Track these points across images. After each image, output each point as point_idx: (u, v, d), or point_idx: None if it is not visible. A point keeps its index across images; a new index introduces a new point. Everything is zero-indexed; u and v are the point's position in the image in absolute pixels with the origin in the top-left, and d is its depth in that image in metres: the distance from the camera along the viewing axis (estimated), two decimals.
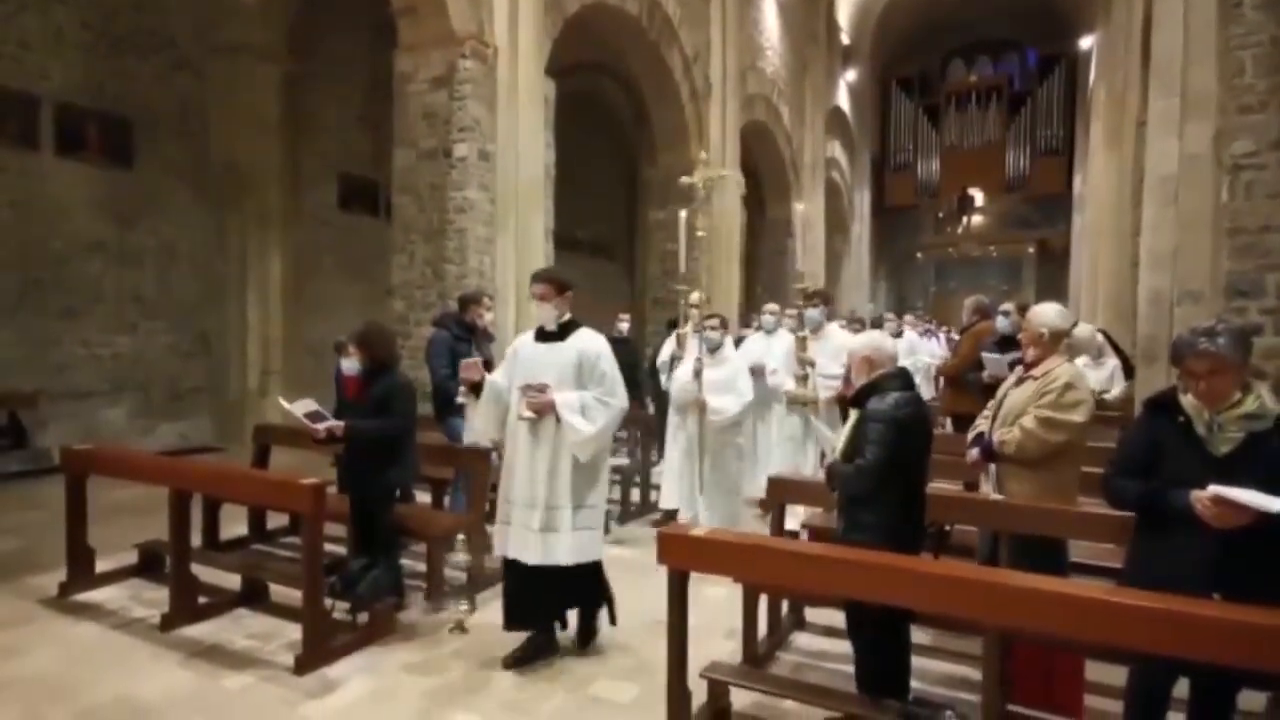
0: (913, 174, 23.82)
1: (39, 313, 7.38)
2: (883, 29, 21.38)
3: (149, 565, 4.34)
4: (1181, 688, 2.36)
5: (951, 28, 22.55)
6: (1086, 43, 16.56)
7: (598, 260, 14.39)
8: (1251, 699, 2.63)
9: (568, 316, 3.42)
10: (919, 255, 23.98)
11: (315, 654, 3.29)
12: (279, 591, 3.97)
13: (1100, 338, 6.90)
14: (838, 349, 5.06)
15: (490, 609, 4.03)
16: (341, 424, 3.83)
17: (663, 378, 5.88)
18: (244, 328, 8.77)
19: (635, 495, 6.04)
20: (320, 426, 3.82)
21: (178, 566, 3.79)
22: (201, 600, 3.87)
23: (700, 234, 11.33)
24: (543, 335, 3.41)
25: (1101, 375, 6.51)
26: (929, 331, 9.89)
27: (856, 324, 8.60)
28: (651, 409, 7.45)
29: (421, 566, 4.25)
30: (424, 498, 5.20)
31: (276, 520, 5.06)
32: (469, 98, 7.06)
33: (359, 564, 3.86)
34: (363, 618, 3.66)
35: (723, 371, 4.88)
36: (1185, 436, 2.30)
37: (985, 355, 5.02)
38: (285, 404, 4.11)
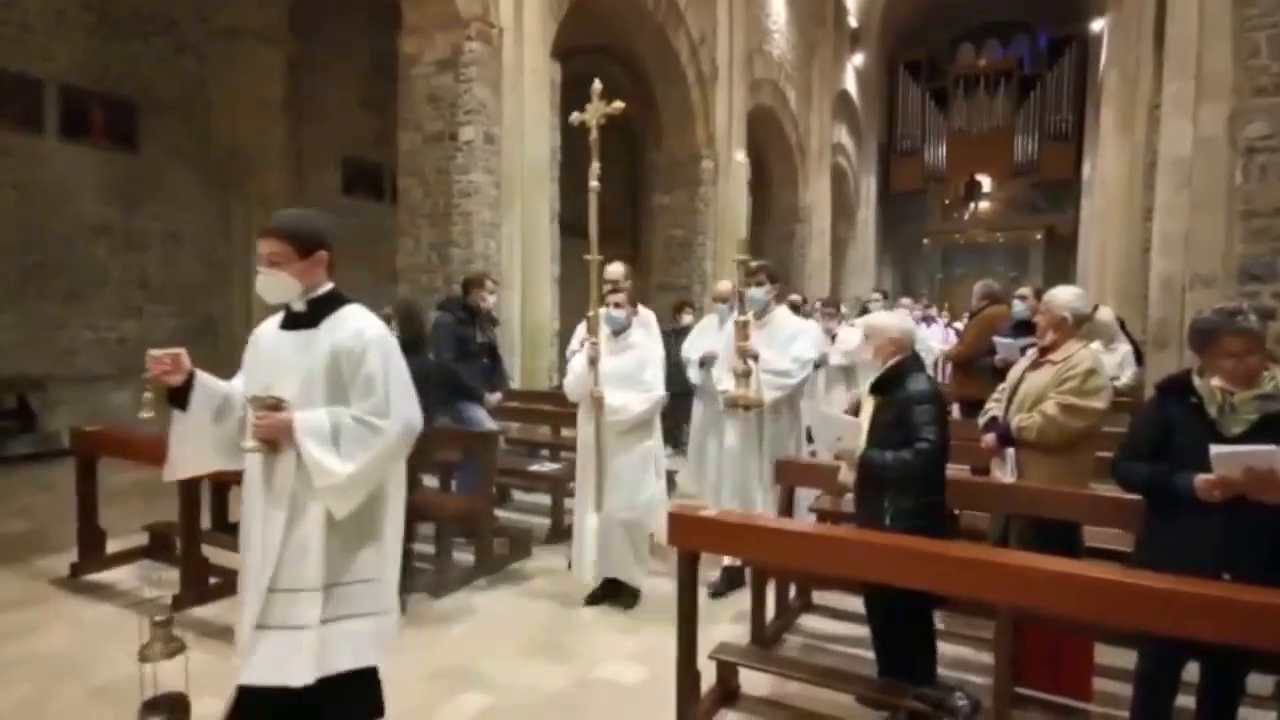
0: (920, 159, 23.63)
1: (44, 296, 7.39)
2: (891, 11, 21.15)
3: (159, 546, 4.36)
4: (1191, 671, 2.37)
5: (960, 10, 22.28)
6: (1098, 25, 16.35)
7: (602, 245, 14.30)
8: (1260, 683, 2.63)
9: (323, 290, 2.19)
10: (925, 241, 23.83)
11: None
12: None
13: (1113, 322, 6.86)
14: (788, 338, 4.06)
15: (498, 590, 4.06)
16: None
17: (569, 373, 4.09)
18: (248, 311, 8.77)
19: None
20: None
21: (188, 548, 3.80)
22: (211, 581, 3.90)
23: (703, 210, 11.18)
24: (291, 320, 2.21)
25: (1113, 360, 6.47)
26: (928, 318, 9.70)
27: (829, 309, 7.56)
28: None
29: (429, 549, 4.26)
30: (431, 482, 5.21)
31: None
32: (474, 80, 7.00)
33: None
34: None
35: (626, 360, 3.83)
36: (1197, 419, 2.29)
37: (998, 340, 5.00)
38: None
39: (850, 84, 19.78)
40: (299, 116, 8.96)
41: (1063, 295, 3.22)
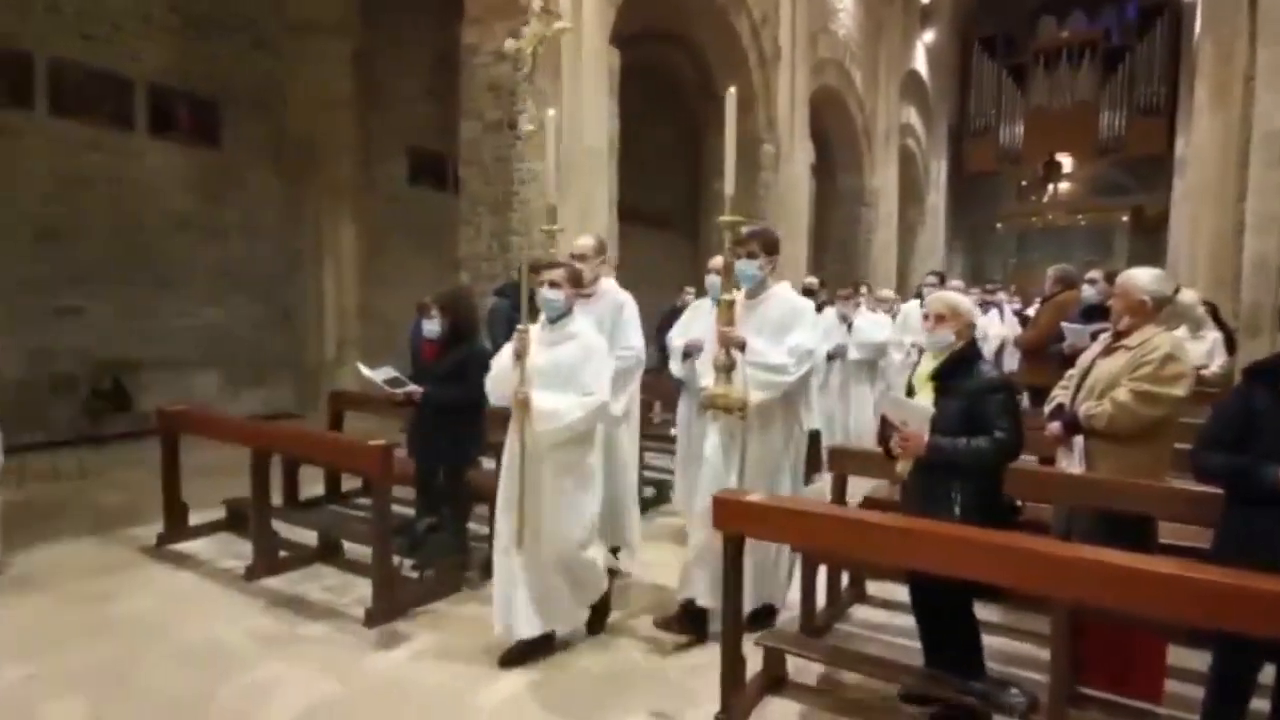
0: (994, 139, 22.60)
1: (137, 285, 7.86)
2: None
3: (236, 520, 4.61)
4: (1266, 674, 2.23)
5: None
6: None
7: (661, 231, 14.30)
8: None
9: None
10: (999, 226, 22.83)
11: (384, 608, 3.44)
12: (352, 549, 4.17)
13: (1202, 309, 6.45)
14: (783, 324, 3.21)
15: None
16: (420, 390, 3.97)
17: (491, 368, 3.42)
18: (320, 299, 9.14)
19: None
20: (399, 392, 3.98)
21: (259, 523, 4.01)
22: (282, 554, 4.10)
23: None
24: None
25: (1201, 349, 6.08)
26: (988, 304, 8.85)
27: (845, 292, 7.27)
28: None
29: (485, 529, 4.37)
30: (489, 464, 5.33)
31: (351, 483, 5.28)
32: (533, 68, 7.05)
33: (425, 524, 4.00)
34: (429, 575, 3.80)
35: (564, 354, 3.07)
36: None
37: (1066, 325, 4.77)
38: (365, 370, 4.28)
39: (920, 63, 19.08)
40: (366, 108, 9.24)
41: (1140, 277, 3.04)
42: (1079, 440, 3.07)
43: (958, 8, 21.04)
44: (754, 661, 2.81)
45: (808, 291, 7.11)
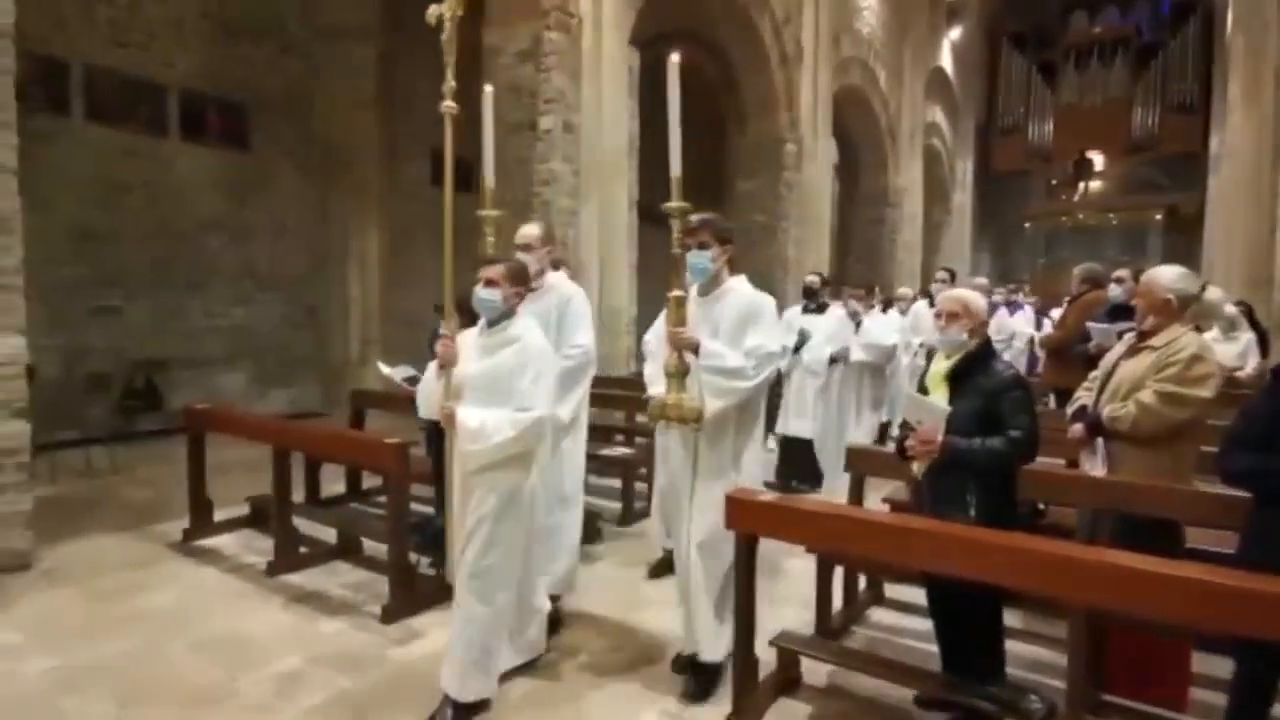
0: (1023, 137, 22.21)
1: (169, 286, 8.04)
2: None
3: (259, 517, 4.69)
4: None
5: None
6: None
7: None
8: None
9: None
10: (1027, 225, 22.43)
11: (401, 605, 3.48)
12: (371, 546, 4.22)
13: (1233, 309, 6.29)
14: (741, 322, 2.85)
15: None
16: None
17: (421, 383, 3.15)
18: (345, 299, 9.28)
19: None
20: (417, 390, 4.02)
21: (280, 519, 4.08)
22: (302, 551, 4.17)
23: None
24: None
25: (1233, 350, 5.94)
26: (1012, 303, 8.74)
27: (856, 293, 6.28)
28: None
29: None
30: None
31: (372, 480, 5.35)
32: (553, 69, 7.10)
33: (442, 521, 4.02)
34: (446, 572, 3.82)
35: (500, 362, 2.70)
36: None
37: (1092, 325, 4.68)
38: (385, 369, 4.33)
39: (946, 60, 18.84)
40: (390, 111, 9.35)
41: (1164, 275, 2.97)
42: (1102, 442, 3.01)
43: (985, 4, 20.74)
44: (766, 663, 2.79)
45: (809, 290, 6.56)
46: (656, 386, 2.89)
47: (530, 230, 3.62)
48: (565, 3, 7.20)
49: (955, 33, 19.02)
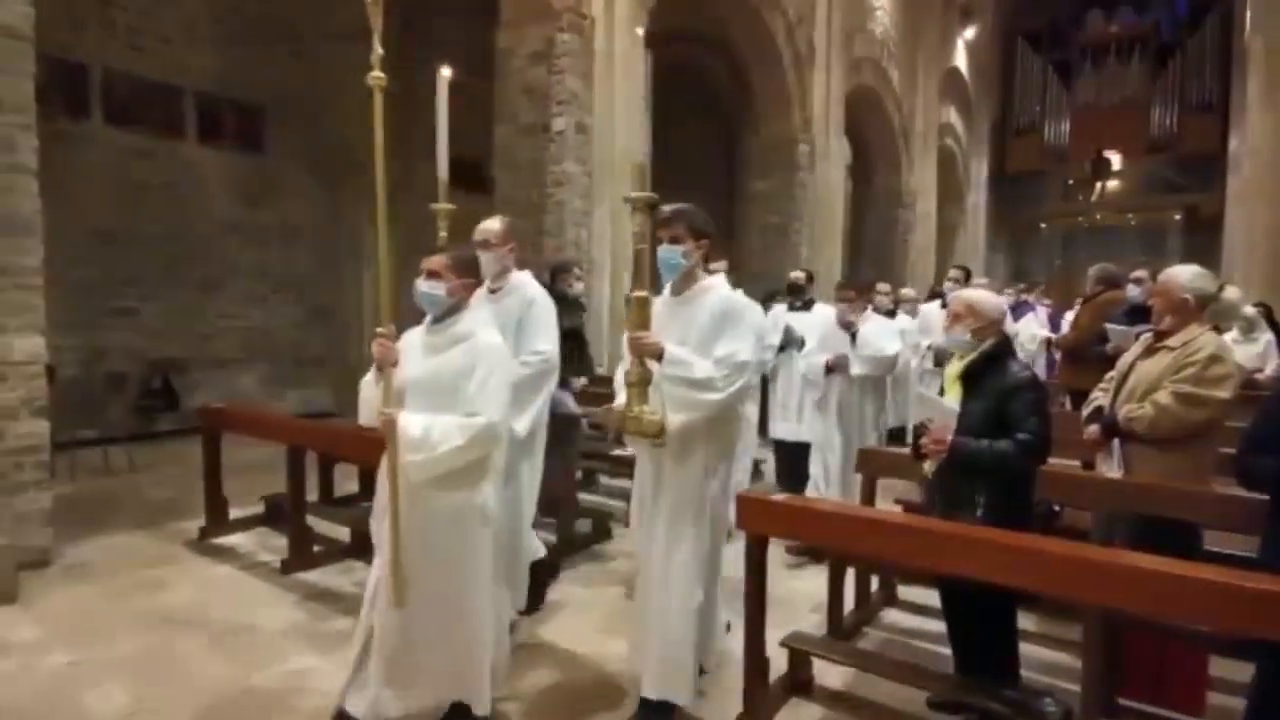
0: (1038, 137, 22.01)
1: (186, 287, 8.13)
2: None
3: (273, 516, 4.73)
4: None
5: None
6: None
7: None
8: None
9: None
10: (1043, 226, 22.21)
11: None
12: None
13: (1253, 310, 6.22)
14: (713, 326, 2.56)
15: (578, 569, 4.15)
16: None
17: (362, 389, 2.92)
18: (358, 300, 9.34)
19: None
20: None
21: (295, 518, 4.11)
22: (316, 549, 4.20)
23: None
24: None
25: (1252, 351, 5.88)
26: (1021, 304, 8.55)
27: (847, 293, 4.87)
28: None
29: None
30: None
31: None
32: (566, 71, 7.12)
33: None
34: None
35: (446, 363, 2.43)
36: None
37: (1110, 326, 4.64)
38: None
39: (960, 60, 18.72)
40: (403, 113, 9.40)
41: (1181, 274, 2.94)
42: (1118, 444, 2.98)
43: (1001, 4, 20.58)
44: (778, 664, 2.78)
45: (794, 287, 6.07)
46: (619, 400, 2.56)
47: (490, 225, 3.32)
48: (578, 4, 7.22)
49: (969, 32, 18.90)
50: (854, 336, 4.70)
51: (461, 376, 2.37)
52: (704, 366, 2.46)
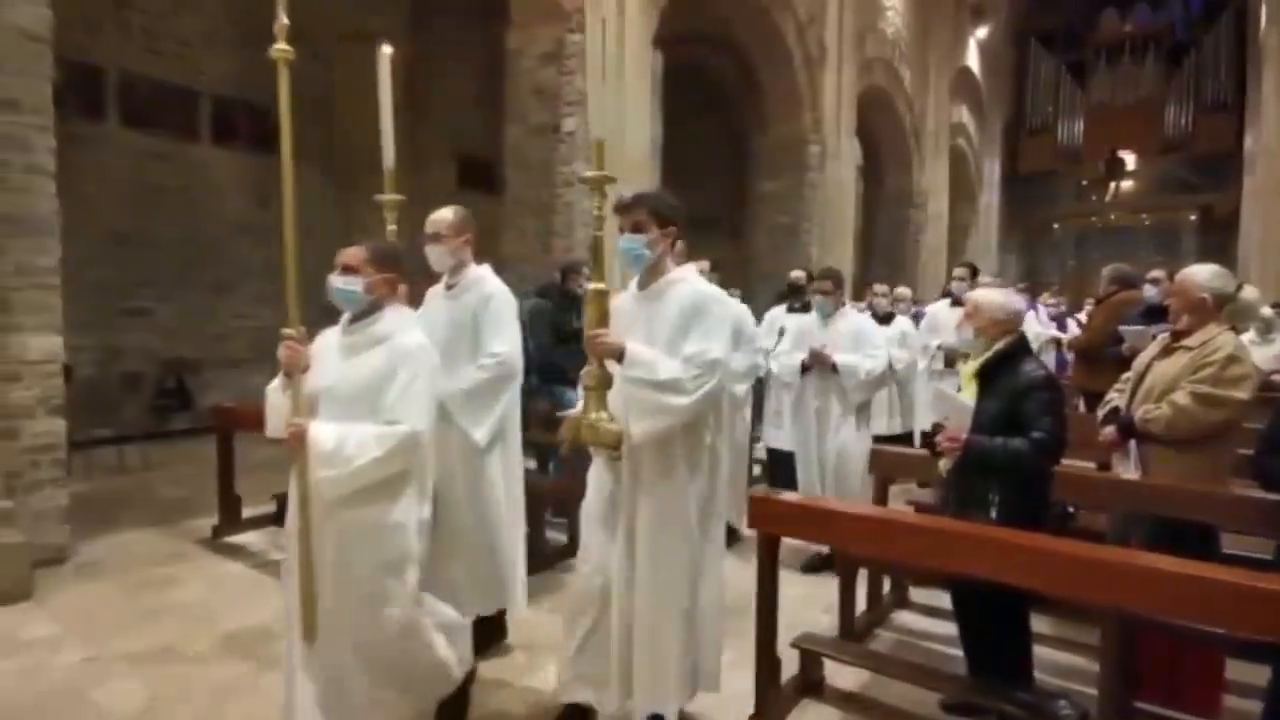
0: (1052, 137, 21.86)
1: (199, 288, 8.21)
2: None
3: (285, 514, 4.74)
4: None
5: None
6: None
7: (704, 234, 14.26)
8: None
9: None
10: (1056, 226, 22.06)
11: None
12: None
13: (1270, 310, 6.15)
14: (681, 323, 2.27)
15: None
16: None
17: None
18: None
19: None
20: None
21: None
22: None
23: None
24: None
25: (1270, 352, 5.80)
26: (1032, 307, 8.37)
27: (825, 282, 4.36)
28: None
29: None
30: (529, 464, 5.38)
31: None
32: (576, 72, 7.14)
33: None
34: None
35: (363, 367, 2.23)
36: None
37: (1125, 328, 4.59)
38: None
39: (973, 60, 18.63)
40: (415, 115, 9.46)
41: (1199, 274, 2.91)
42: (1135, 445, 2.95)
43: (1013, 3, 20.47)
44: (789, 665, 2.77)
45: (794, 287, 5.88)
46: (578, 407, 2.33)
47: (442, 215, 3.07)
48: (587, 5, 7.23)
49: (982, 32, 18.81)
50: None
51: (381, 382, 2.16)
52: (670, 367, 2.18)
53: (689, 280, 2.38)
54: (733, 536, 4.09)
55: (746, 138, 12.04)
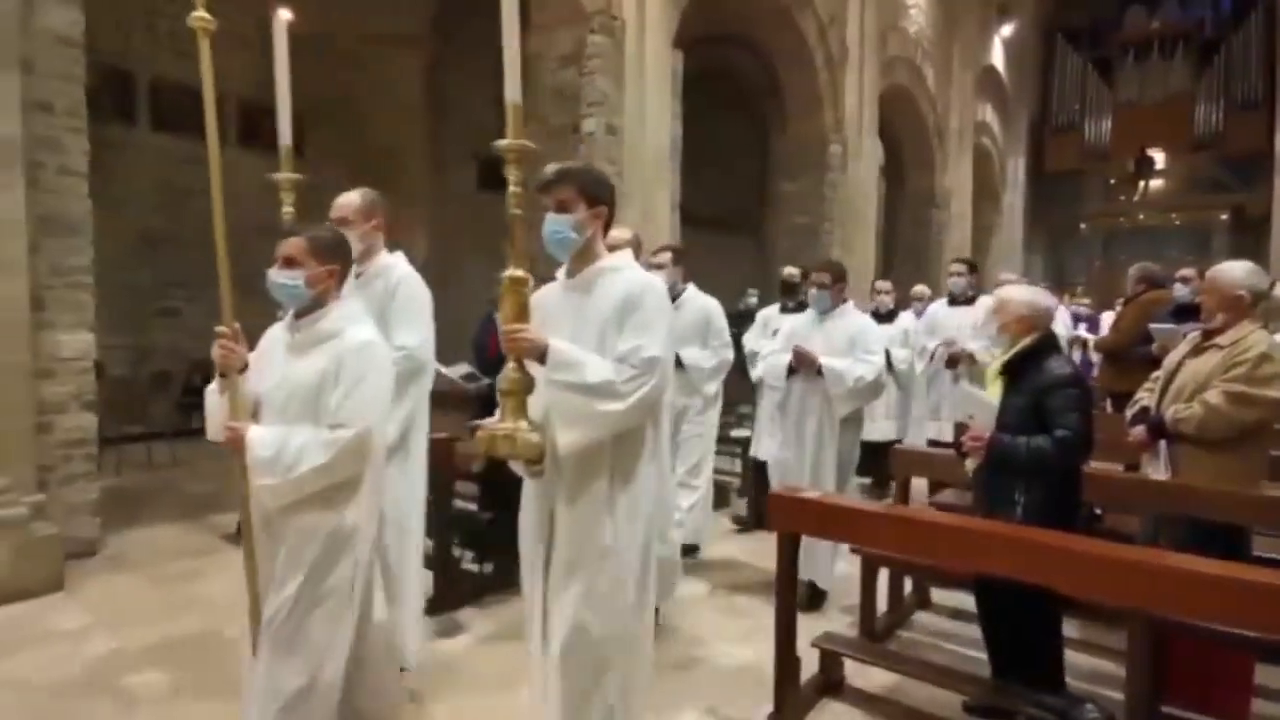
0: (1078, 135, 21.51)
1: None
2: None
3: None
4: None
5: None
6: None
7: (724, 234, 14.22)
8: None
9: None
10: (1083, 226, 21.70)
11: (445, 598, 3.53)
12: None
13: None
14: (618, 318, 1.98)
15: None
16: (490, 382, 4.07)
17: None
18: None
19: None
20: (472, 386, 4.13)
21: None
22: None
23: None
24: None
25: None
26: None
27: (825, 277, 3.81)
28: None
29: None
30: None
31: None
32: (596, 73, 7.16)
33: (486, 518, 4.08)
34: (488, 568, 3.87)
35: (307, 368, 2.07)
36: None
37: (1155, 327, 4.51)
38: (442, 368, 4.42)
39: (997, 58, 18.42)
40: (437, 117, 9.55)
41: (1234, 270, 2.86)
42: (1165, 445, 2.90)
43: (1039, 0, 20.20)
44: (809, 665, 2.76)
45: (788, 286, 5.53)
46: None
47: (348, 199, 2.87)
48: (609, 6, 7.25)
49: (1006, 29, 18.59)
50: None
51: (326, 382, 1.98)
52: (600, 368, 1.86)
53: (624, 268, 2.04)
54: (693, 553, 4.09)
55: (767, 138, 12.00)
